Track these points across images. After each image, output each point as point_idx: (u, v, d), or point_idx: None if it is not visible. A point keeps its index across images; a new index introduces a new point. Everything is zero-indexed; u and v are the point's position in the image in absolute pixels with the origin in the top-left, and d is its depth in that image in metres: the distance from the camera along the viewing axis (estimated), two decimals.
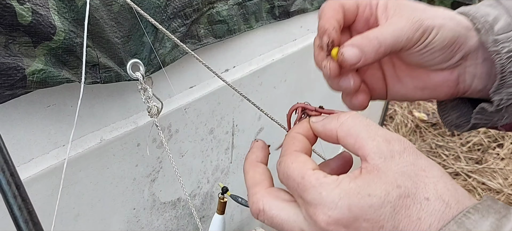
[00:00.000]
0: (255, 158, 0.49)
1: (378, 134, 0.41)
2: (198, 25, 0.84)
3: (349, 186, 0.39)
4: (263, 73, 1.06)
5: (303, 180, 0.41)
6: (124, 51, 0.70)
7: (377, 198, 0.38)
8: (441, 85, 0.55)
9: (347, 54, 0.49)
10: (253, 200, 0.44)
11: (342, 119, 0.44)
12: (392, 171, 0.39)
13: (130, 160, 0.84)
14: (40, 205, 0.73)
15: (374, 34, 0.49)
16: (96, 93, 0.75)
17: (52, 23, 0.62)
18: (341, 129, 0.43)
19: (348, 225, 0.39)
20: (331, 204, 0.39)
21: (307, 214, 0.40)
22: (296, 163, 0.42)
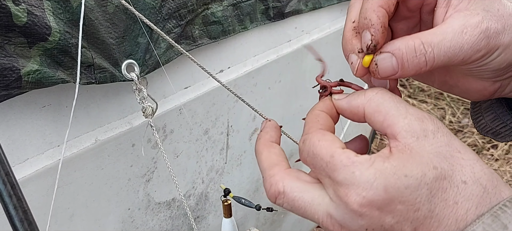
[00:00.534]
0: (269, 138, 0.45)
1: (409, 112, 0.38)
2: (193, 26, 0.85)
3: (384, 166, 0.36)
4: (258, 74, 1.06)
5: (333, 158, 0.37)
6: (119, 51, 0.71)
7: (414, 179, 0.35)
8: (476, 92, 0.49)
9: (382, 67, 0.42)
10: (270, 182, 0.41)
11: (369, 95, 0.40)
12: (426, 151, 0.36)
13: (125, 160, 0.84)
14: (35, 205, 0.73)
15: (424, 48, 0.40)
16: (91, 94, 0.75)
17: (47, 24, 0.62)
18: (368, 104, 0.40)
19: (382, 207, 0.36)
20: (366, 184, 0.36)
21: (336, 195, 0.37)
22: (324, 141, 0.39)
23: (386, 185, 0.36)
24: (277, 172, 0.41)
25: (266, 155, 0.43)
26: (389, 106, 0.39)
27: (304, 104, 1.26)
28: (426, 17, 0.47)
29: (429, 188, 0.36)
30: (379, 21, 0.41)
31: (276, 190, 0.40)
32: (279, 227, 1.48)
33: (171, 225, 1.03)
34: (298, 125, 0.53)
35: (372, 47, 0.42)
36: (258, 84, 1.08)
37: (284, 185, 0.40)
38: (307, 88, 1.27)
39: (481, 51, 0.41)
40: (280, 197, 0.40)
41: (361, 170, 0.36)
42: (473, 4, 0.42)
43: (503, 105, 0.52)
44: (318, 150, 0.39)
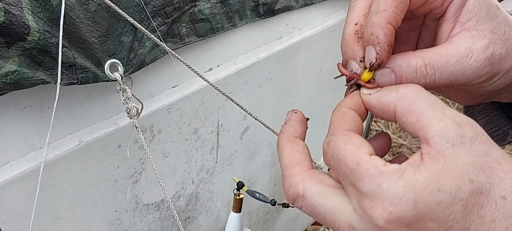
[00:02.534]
0: (293, 133, 0.41)
1: (446, 114, 0.34)
2: (180, 24, 0.83)
3: (415, 178, 0.33)
4: (248, 72, 1.04)
5: (359, 166, 0.34)
6: (101, 51, 0.69)
7: (447, 194, 0.32)
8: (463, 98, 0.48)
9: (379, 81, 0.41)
10: (290, 183, 0.37)
11: (402, 92, 0.36)
12: (462, 162, 0.33)
13: (111, 162, 0.82)
14: (17, 209, 0.72)
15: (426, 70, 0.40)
16: (74, 94, 0.73)
17: (26, 23, 0.60)
18: (401, 103, 0.36)
19: (411, 224, 0.33)
20: (394, 198, 0.32)
21: (359, 207, 0.34)
22: (350, 145, 0.36)
23: (416, 200, 0.32)
24: (298, 173, 0.38)
25: (288, 151, 0.40)
26: (423, 107, 0.35)
27: (296, 102, 1.25)
28: (430, 22, 0.46)
29: (464, 204, 0.32)
30: (386, 39, 0.39)
31: (295, 192, 0.37)
32: (272, 226, 1.47)
33: (160, 227, 1.01)
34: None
35: (376, 66, 0.40)
36: (248, 82, 1.06)
37: (304, 188, 0.37)
38: (299, 86, 1.26)
39: (483, 77, 0.40)
40: (299, 200, 0.37)
41: (389, 182, 0.33)
42: (482, 24, 0.40)
43: (497, 109, 0.50)
44: (343, 154, 0.35)
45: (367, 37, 0.40)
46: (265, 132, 0.95)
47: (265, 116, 1.14)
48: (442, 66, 0.39)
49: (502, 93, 0.46)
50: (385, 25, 0.39)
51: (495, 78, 0.41)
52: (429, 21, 0.45)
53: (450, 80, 0.40)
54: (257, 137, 1.18)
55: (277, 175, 1.35)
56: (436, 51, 0.40)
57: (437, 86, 0.40)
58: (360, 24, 0.42)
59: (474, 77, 0.40)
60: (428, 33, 0.47)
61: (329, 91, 1.37)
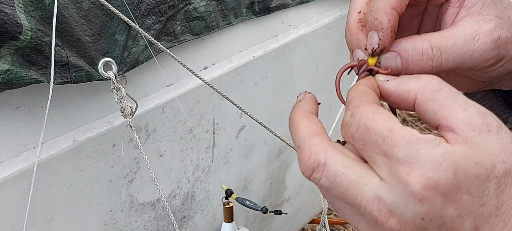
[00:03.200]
0: (309, 109, 0.39)
1: (469, 104, 0.34)
2: (174, 22, 0.82)
3: (453, 148, 0.32)
4: (244, 70, 1.04)
5: (393, 133, 0.33)
6: (95, 50, 0.68)
7: (484, 169, 0.32)
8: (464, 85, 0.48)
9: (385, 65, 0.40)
10: (311, 151, 0.35)
11: (424, 80, 0.35)
12: (492, 145, 0.33)
13: (106, 161, 0.82)
14: (11, 209, 0.71)
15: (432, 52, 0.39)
16: (68, 93, 0.73)
17: (18, 22, 0.59)
18: (422, 91, 0.35)
19: (448, 194, 0.31)
20: (434, 164, 0.31)
21: (391, 175, 0.32)
22: (379, 115, 0.34)
23: (456, 169, 0.31)
24: (320, 142, 0.35)
25: (305, 124, 0.37)
26: (446, 96, 0.34)
27: (292, 101, 1.24)
28: (432, 9, 0.45)
29: (497, 182, 0.32)
30: (389, 25, 0.39)
31: (316, 160, 0.34)
32: (269, 225, 1.46)
33: (156, 226, 1.00)
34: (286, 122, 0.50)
35: (378, 51, 0.40)
36: (244, 80, 1.06)
37: (326, 156, 0.34)
38: (295, 84, 1.25)
39: (490, 61, 0.40)
40: (319, 170, 0.34)
41: (428, 148, 0.32)
42: (487, 8, 0.40)
43: (497, 96, 0.50)
44: (373, 123, 0.33)
45: (371, 22, 0.39)
46: (261, 130, 0.95)
47: (261, 114, 1.14)
48: (449, 48, 0.39)
49: (503, 80, 0.46)
50: (389, 11, 0.39)
51: (501, 62, 0.41)
52: (431, 7, 0.45)
53: (457, 63, 0.39)
54: (253, 136, 1.17)
55: (273, 173, 1.35)
56: (442, 34, 0.40)
57: (444, 70, 0.39)
58: (363, 13, 0.42)
59: (481, 60, 0.39)
60: (430, 20, 0.46)
61: (325, 89, 1.37)
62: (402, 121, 2.80)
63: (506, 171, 0.32)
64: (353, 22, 0.42)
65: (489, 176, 0.32)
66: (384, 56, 0.40)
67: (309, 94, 0.42)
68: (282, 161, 1.36)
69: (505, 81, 0.47)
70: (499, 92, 0.51)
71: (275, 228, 1.51)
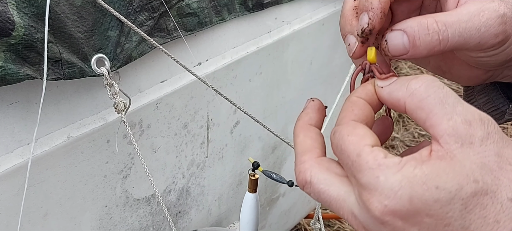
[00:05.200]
0: (308, 120, 0.42)
1: (456, 111, 0.33)
2: (167, 18, 0.83)
3: (414, 173, 0.32)
4: (238, 66, 1.05)
5: (359, 158, 0.34)
6: (88, 46, 0.69)
7: (446, 193, 0.32)
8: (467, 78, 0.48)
9: (392, 44, 0.40)
10: (300, 169, 0.38)
11: (412, 87, 0.35)
12: (469, 161, 0.32)
13: (100, 157, 0.82)
14: (6, 205, 0.72)
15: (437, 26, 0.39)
16: (61, 89, 0.73)
17: (10, 18, 0.60)
18: (410, 100, 0.35)
19: (406, 218, 0.33)
20: (389, 192, 0.33)
21: (359, 197, 0.35)
22: (353, 136, 0.36)
23: (412, 196, 0.32)
24: (308, 159, 0.38)
25: (301, 139, 0.40)
26: (433, 103, 0.34)
27: (286, 97, 1.25)
28: (429, 2, 0.46)
29: (464, 203, 0.32)
30: (380, 6, 0.40)
31: (303, 179, 0.38)
32: (265, 219, 1.47)
33: (151, 221, 1.01)
34: (280, 117, 0.51)
35: (367, 32, 0.40)
36: (238, 76, 1.06)
37: (311, 175, 0.38)
38: (289, 80, 1.26)
39: (499, 37, 0.40)
40: (307, 186, 0.38)
41: (387, 175, 0.33)
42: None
43: (497, 89, 0.51)
44: (346, 145, 0.36)
45: (362, 5, 0.41)
46: (256, 126, 0.95)
47: (255, 110, 1.14)
48: (454, 23, 0.39)
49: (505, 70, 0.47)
50: None
51: (508, 42, 0.40)
52: (428, 1, 0.45)
53: (465, 38, 0.39)
54: (247, 131, 1.18)
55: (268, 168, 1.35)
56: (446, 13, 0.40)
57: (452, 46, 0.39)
58: (359, 1, 0.43)
59: (489, 35, 0.39)
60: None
61: (319, 85, 1.37)
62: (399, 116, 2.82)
63: (475, 191, 0.32)
64: (348, 9, 0.43)
65: (453, 199, 0.32)
66: (390, 35, 0.40)
67: (311, 102, 0.43)
68: (277, 156, 1.37)
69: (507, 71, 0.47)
70: (499, 84, 0.51)
71: (271, 223, 1.52)
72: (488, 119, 0.34)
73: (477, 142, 0.33)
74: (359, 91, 0.40)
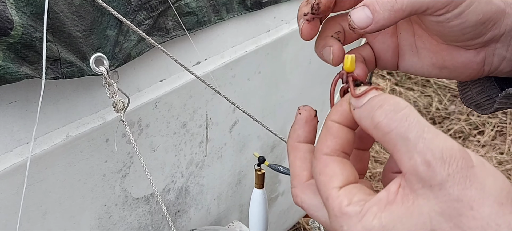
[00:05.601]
0: (296, 138, 0.42)
1: (417, 149, 0.32)
2: (166, 17, 0.83)
3: (372, 224, 0.33)
4: (236, 65, 1.05)
5: (327, 202, 0.36)
6: (86, 45, 0.69)
7: None
8: (463, 67, 0.49)
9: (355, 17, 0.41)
10: (292, 193, 0.41)
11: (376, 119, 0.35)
12: (428, 207, 0.32)
13: (99, 156, 0.82)
14: (5, 203, 0.72)
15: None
16: (60, 89, 0.74)
17: (9, 17, 0.60)
18: (375, 133, 0.35)
19: None
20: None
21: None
22: (323, 175, 0.37)
23: None
24: (297, 184, 0.41)
25: (291, 160, 0.42)
26: (395, 139, 0.34)
27: (285, 96, 1.25)
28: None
29: None
30: None
31: (297, 202, 0.41)
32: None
33: (150, 220, 1.01)
34: (279, 116, 0.52)
35: (315, 6, 0.43)
36: (237, 75, 1.06)
37: (301, 200, 0.40)
38: (287, 79, 1.26)
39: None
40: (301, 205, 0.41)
41: (349, 225, 0.34)
42: None
43: (492, 80, 0.52)
44: (318, 184, 0.38)
45: None
46: (254, 125, 0.95)
47: (254, 109, 1.15)
48: None
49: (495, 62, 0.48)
50: None
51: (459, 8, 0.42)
52: None
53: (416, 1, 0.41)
54: (246, 130, 1.18)
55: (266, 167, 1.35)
56: None
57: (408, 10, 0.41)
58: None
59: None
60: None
61: (318, 84, 1.38)
62: None
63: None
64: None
65: None
66: (353, 11, 0.42)
67: (298, 116, 0.43)
68: (276, 155, 1.37)
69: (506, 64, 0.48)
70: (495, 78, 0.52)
71: (270, 222, 1.52)
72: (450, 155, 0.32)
73: (436, 186, 0.32)
74: (333, 113, 0.40)
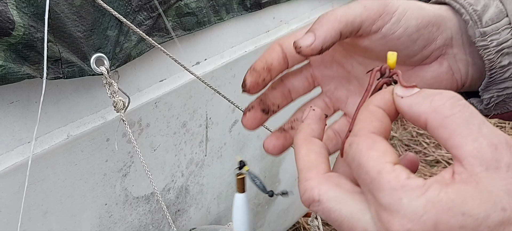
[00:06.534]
0: (310, 132, 0.41)
1: (482, 133, 0.32)
2: (166, 17, 0.83)
3: (439, 197, 0.31)
4: (236, 65, 1.05)
5: (380, 176, 0.32)
6: (87, 45, 0.69)
7: (473, 220, 0.30)
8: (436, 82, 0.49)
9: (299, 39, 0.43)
10: (306, 187, 0.36)
11: (436, 103, 0.34)
12: (496, 187, 0.31)
13: (100, 156, 0.83)
14: (7, 202, 0.72)
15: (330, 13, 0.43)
16: (61, 89, 0.74)
17: (10, 18, 0.61)
18: (433, 116, 0.33)
19: None
20: (413, 215, 0.31)
21: (377, 218, 0.33)
22: (373, 151, 0.34)
23: (437, 221, 0.30)
24: (314, 176, 0.36)
25: (304, 153, 0.39)
26: (457, 122, 0.32)
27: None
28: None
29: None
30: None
31: (310, 197, 0.36)
32: (264, 218, 1.48)
33: (150, 219, 1.02)
34: (278, 116, 0.53)
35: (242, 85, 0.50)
36: (236, 75, 1.07)
37: (320, 193, 0.35)
38: None
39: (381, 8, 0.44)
40: (314, 205, 0.36)
41: (410, 198, 0.31)
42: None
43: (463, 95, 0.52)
44: (365, 160, 0.34)
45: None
46: None
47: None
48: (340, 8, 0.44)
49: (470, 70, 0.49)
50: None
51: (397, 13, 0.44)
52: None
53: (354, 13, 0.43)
54: (246, 130, 1.18)
55: (266, 167, 1.36)
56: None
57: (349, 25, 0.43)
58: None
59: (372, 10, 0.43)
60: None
61: None
62: None
63: (503, 220, 0.30)
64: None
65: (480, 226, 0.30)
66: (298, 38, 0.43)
67: (312, 112, 0.42)
68: None
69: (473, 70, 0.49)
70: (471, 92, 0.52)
71: (270, 221, 1.52)
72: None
73: (504, 168, 0.31)
74: (378, 99, 0.38)
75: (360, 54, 0.50)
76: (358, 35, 0.45)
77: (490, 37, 0.46)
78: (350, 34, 0.44)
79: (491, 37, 0.46)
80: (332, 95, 0.52)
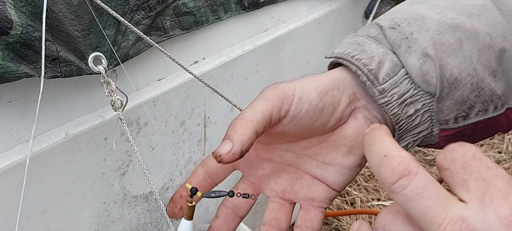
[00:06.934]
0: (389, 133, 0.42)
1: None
2: (164, 17, 0.84)
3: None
4: (234, 65, 1.06)
5: (497, 168, 0.34)
6: (85, 44, 0.70)
7: None
8: (358, 136, 0.51)
9: (219, 149, 0.48)
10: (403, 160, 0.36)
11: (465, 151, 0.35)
12: None
13: (98, 154, 0.83)
14: (5, 201, 0.73)
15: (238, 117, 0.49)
16: (59, 88, 0.74)
17: (8, 17, 0.61)
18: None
19: None
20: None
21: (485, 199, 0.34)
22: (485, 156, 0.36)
23: None
24: (410, 156, 0.36)
25: (392, 141, 0.38)
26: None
27: None
28: None
29: None
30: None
31: (408, 168, 0.34)
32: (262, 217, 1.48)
33: (149, 218, 1.02)
34: None
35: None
36: (234, 75, 1.07)
37: (418, 168, 0.34)
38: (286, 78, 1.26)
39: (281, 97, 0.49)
40: (408, 177, 0.34)
41: None
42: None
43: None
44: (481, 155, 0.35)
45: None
46: None
47: None
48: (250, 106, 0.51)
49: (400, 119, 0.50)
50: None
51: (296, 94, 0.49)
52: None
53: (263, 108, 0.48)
54: None
55: None
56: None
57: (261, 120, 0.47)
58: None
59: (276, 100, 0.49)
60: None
61: None
62: None
63: None
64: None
65: None
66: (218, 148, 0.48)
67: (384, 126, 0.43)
68: None
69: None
70: None
71: None
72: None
73: None
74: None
75: (280, 142, 0.53)
76: (271, 126, 0.48)
77: (390, 92, 0.48)
78: (264, 128, 0.47)
79: (391, 91, 0.48)
80: (279, 192, 0.57)
